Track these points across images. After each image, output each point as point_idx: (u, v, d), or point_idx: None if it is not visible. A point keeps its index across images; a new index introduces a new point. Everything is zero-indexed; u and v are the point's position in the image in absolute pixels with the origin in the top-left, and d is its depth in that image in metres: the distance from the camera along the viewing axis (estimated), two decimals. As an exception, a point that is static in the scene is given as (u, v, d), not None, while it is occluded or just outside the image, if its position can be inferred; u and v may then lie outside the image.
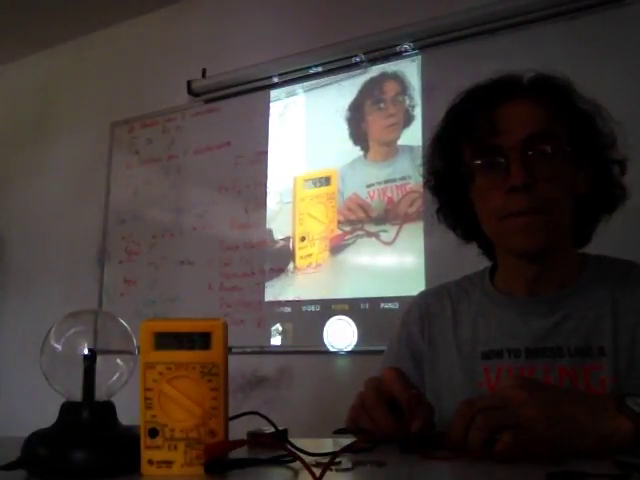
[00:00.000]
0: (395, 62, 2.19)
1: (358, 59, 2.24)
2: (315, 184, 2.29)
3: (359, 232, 2.17)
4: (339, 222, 2.21)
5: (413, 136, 2.11)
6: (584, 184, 0.91)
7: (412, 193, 2.07)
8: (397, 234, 2.09)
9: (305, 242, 2.27)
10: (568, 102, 0.91)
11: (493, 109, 0.89)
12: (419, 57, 2.15)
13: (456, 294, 1.04)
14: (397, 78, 2.19)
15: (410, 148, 2.11)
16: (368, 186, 2.17)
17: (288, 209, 2.33)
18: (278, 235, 2.34)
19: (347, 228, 2.20)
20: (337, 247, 2.20)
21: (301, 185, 2.32)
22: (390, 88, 2.19)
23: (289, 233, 2.32)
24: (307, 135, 2.36)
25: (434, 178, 1.00)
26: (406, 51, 2.16)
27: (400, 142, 2.15)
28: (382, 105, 2.20)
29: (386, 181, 2.14)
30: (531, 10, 1.92)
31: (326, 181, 2.26)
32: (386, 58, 2.20)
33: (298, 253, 2.28)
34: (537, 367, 0.89)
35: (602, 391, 0.84)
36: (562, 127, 0.89)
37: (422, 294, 1.12)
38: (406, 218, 2.08)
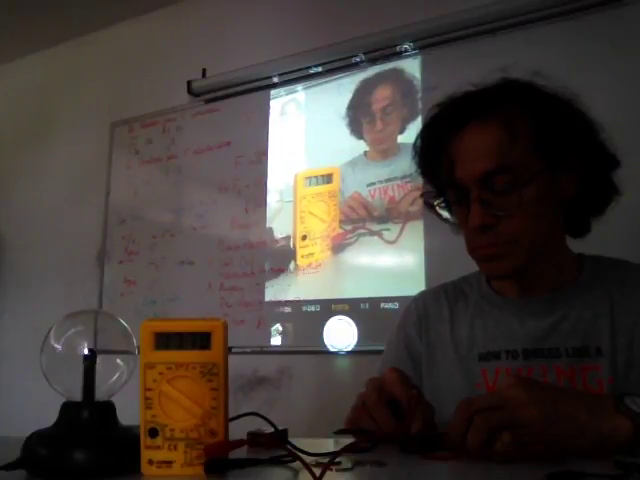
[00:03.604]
0: (395, 62, 2.19)
1: (358, 59, 2.24)
2: (316, 182, 2.29)
3: (361, 230, 2.16)
4: (341, 221, 2.21)
5: (412, 135, 2.11)
6: (570, 186, 0.89)
7: (414, 192, 2.07)
8: (400, 233, 2.08)
9: (306, 241, 2.27)
10: (532, 109, 0.87)
11: (450, 141, 0.89)
12: (419, 57, 2.15)
13: (453, 295, 1.04)
14: (398, 78, 2.19)
15: (411, 147, 2.10)
16: (369, 185, 2.17)
17: (289, 207, 2.33)
18: (279, 234, 2.34)
19: (349, 227, 2.19)
20: (339, 246, 2.20)
21: (302, 183, 2.32)
22: (392, 88, 2.19)
23: (290, 232, 2.31)
24: (307, 133, 2.36)
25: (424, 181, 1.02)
26: (406, 51, 2.16)
27: (401, 140, 2.15)
28: (388, 105, 2.19)
29: (387, 180, 2.14)
30: (531, 10, 1.92)
31: (328, 179, 2.26)
32: (386, 58, 2.20)
33: (299, 252, 2.28)
34: (535, 368, 0.89)
35: (600, 391, 0.84)
36: (525, 142, 0.85)
37: (420, 295, 1.11)
38: (408, 217, 2.08)
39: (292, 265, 2.28)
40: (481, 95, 0.90)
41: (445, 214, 0.98)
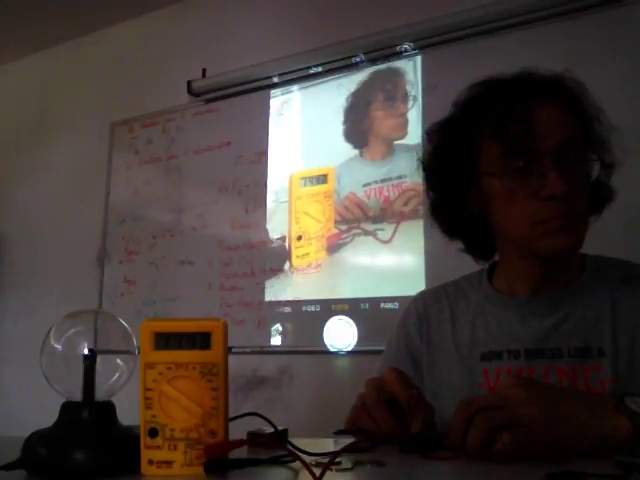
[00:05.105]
0: (395, 62, 2.19)
1: (358, 59, 2.24)
2: (311, 182, 2.29)
3: (356, 230, 2.17)
4: (336, 221, 2.21)
5: (409, 135, 2.11)
6: None
7: (408, 191, 2.07)
8: (394, 232, 2.09)
9: (301, 241, 2.27)
10: (582, 105, 0.90)
11: (527, 109, 0.85)
12: (419, 57, 2.15)
13: (454, 295, 1.04)
14: (398, 77, 2.19)
15: (406, 147, 2.11)
16: (365, 185, 2.17)
17: (284, 208, 2.33)
18: (274, 234, 2.34)
19: (344, 227, 2.20)
20: (334, 246, 2.20)
21: (297, 183, 2.32)
22: (393, 87, 2.19)
23: (285, 232, 2.32)
24: (304, 133, 2.36)
25: (435, 168, 0.97)
26: (406, 51, 2.16)
27: (398, 141, 2.15)
28: (389, 103, 2.19)
29: (382, 180, 2.14)
30: (531, 10, 1.92)
31: (323, 179, 2.26)
32: (386, 58, 2.20)
33: (294, 252, 2.28)
34: (537, 368, 0.89)
35: (602, 392, 0.84)
36: (581, 131, 0.88)
37: (420, 295, 1.11)
38: (402, 216, 2.08)
39: (287, 265, 2.28)
40: (548, 77, 0.91)
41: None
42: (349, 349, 2.09)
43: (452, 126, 0.94)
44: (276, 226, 2.34)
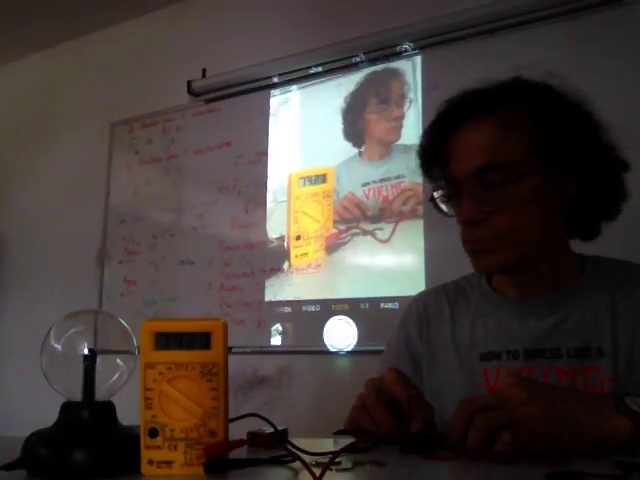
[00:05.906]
0: (395, 62, 2.19)
1: (358, 59, 2.24)
2: (310, 182, 2.29)
3: (355, 230, 2.17)
4: (335, 221, 2.21)
5: (408, 135, 2.11)
6: (569, 187, 0.88)
7: (406, 191, 2.08)
8: (392, 232, 2.09)
9: (300, 241, 2.27)
10: (540, 109, 0.87)
11: (448, 136, 0.90)
12: (419, 57, 2.15)
13: (454, 295, 1.04)
14: (396, 78, 2.19)
15: (405, 147, 2.11)
16: (363, 185, 2.17)
17: (282, 207, 2.33)
18: (273, 234, 2.34)
19: (342, 227, 2.20)
20: (333, 246, 2.20)
21: (296, 183, 2.32)
22: (390, 88, 2.19)
23: (284, 232, 2.32)
24: (304, 133, 2.36)
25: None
26: (406, 51, 2.16)
27: (397, 141, 2.15)
28: (384, 105, 2.19)
29: (381, 180, 2.15)
30: (531, 10, 1.92)
31: (322, 179, 2.26)
32: (386, 58, 2.20)
33: (293, 252, 2.28)
34: (536, 368, 0.89)
35: (601, 392, 0.84)
36: (525, 141, 0.86)
37: (420, 295, 1.11)
38: (401, 216, 2.08)
39: (286, 265, 2.28)
40: (483, 93, 0.91)
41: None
42: (349, 349, 2.09)
43: (422, 146, 0.98)
44: (275, 226, 2.34)
